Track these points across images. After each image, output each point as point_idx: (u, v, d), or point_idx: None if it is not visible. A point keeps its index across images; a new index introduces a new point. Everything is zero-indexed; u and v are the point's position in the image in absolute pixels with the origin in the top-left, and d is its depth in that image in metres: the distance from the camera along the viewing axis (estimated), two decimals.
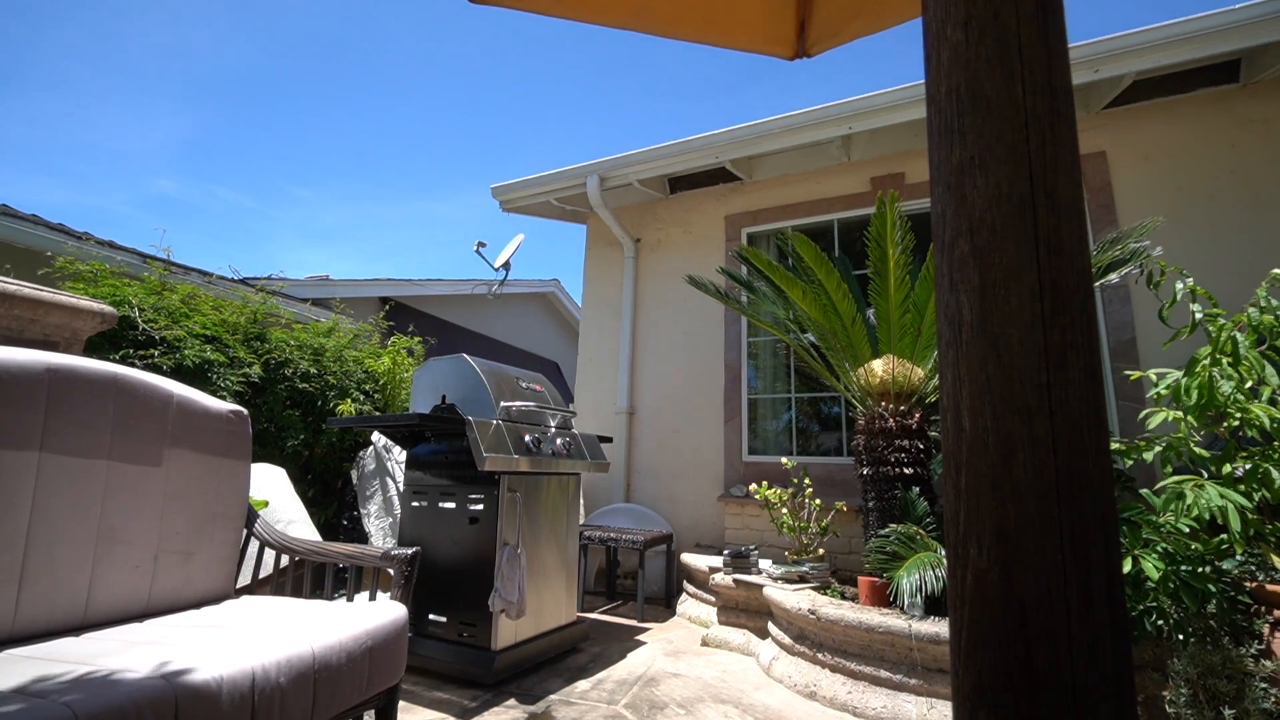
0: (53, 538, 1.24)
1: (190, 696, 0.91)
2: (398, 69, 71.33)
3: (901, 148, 3.96)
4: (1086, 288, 0.69)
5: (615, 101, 48.26)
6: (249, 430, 1.70)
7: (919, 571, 2.12)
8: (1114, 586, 0.65)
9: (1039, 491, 0.65)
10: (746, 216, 4.45)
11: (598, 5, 1.68)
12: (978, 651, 0.67)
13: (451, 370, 2.65)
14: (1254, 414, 1.70)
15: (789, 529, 3.01)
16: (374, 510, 3.41)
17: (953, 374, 0.72)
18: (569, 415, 2.82)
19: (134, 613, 1.37)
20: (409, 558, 1.56)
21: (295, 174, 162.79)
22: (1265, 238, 3.09)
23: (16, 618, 1.17)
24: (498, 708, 1.97)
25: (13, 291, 1.60)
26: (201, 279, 4.28)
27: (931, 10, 0.78)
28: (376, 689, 1.34)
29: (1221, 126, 3.28)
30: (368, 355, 4.05)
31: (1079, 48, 3.14)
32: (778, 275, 2.99)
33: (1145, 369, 2.02)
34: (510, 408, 2.51)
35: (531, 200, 4.79)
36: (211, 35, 32.44)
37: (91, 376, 1.37)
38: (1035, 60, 0.71)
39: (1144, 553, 1.69)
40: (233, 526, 1.62)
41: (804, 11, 1.80)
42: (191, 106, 66.35)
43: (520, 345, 8.92)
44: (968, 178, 0.72)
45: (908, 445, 2.55)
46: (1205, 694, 1.52)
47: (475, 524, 2.27)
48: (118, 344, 2.75)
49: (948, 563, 0.73)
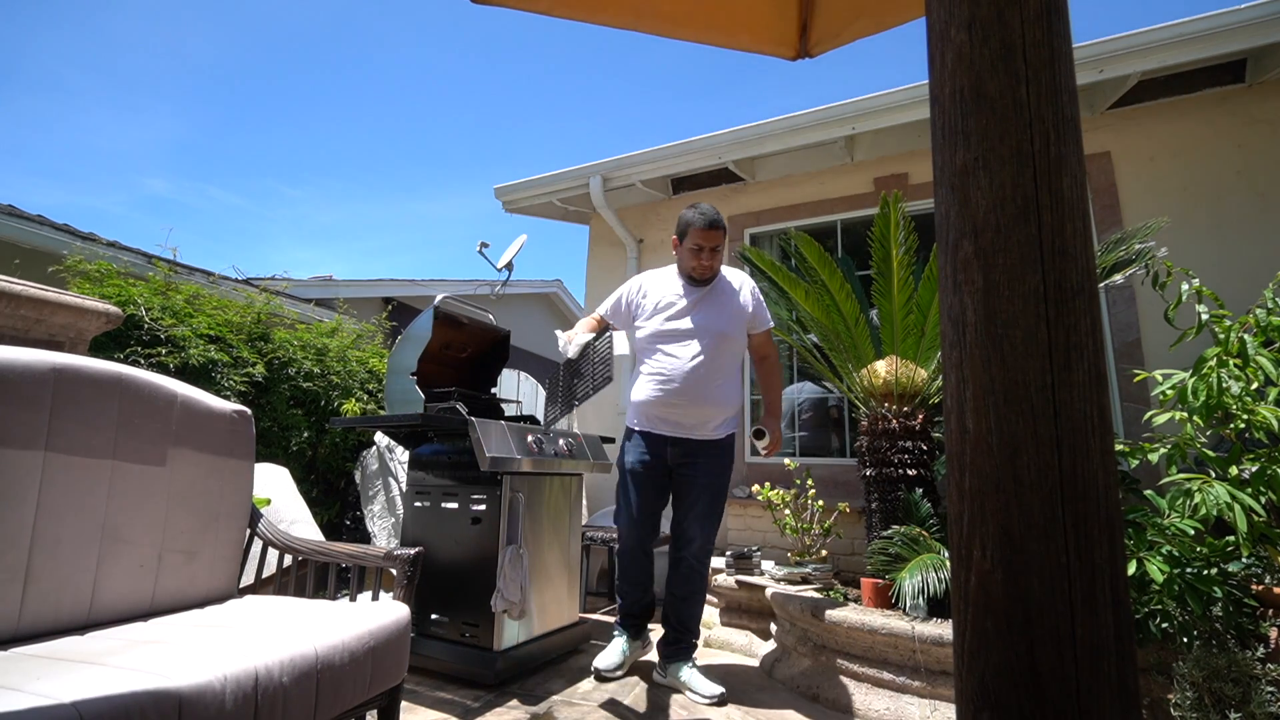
0: (57, 537, 1.25)
1: (194, 696, 0.91)
2: (395, 69, 71.66)
3: (905, 148, 3.95)
4: (1091, 289, 0.69)
5: (615, 101, 48.43)
6: (252, 430, 1.70)
7: (922, 573, 2.12)
8: (1118, 588, 0.65)
9: (1043, 493, 0.65)
10: (749, 217, 4.45)
11: (599, 5, 1.68)
12: (981, 653, 0.67)
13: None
14: (1261, 416, 1.69)
15: (792, 530, 3.01)
16: (377, 510, 3.41)
17: (956, 375, 0.72)
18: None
19: (138, 612, 1.37)
20: (412, 558, 1.56)
21: (288, 174, 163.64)
22: (1272, 238, 3.07)
23: (21, 616, 1.17)
24: (500, 708, 1.97)
25: (19, 291, 1.61)
26: (205, 279, 4.30)
27: (935, 11, 0.78)
28: (379, 689, 1.34)
29: (1227, 127, 3.27)
30: (371, 355, 4.06)
31: (1084, 48, 3.13)
32: (780, 276, 2.99)
33: (1150, 370, 2.01)
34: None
35: (534, 201, 4.79)
36: (202, 36, 32.70)
37: (96, 376, 1.37)
38: (1039, 61, 0.71)
39: (1149, 555, 1.68)
40: (236, 526, 1.63)
41: (806, 12, 1.80)
42: (182, 107, 66.76)
43: (523, 346, 8.93)
44: (971, 179, 0.72)
45: (911, 446, 2.54)
46: (1211, 697, 1.51)
47: (478, 524, 2.27)
48: (123, 343, 2.77)
49: (951, 564, 0.73)
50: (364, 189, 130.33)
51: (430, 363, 2.84)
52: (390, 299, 7.21)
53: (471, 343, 3.10)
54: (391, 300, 7.20)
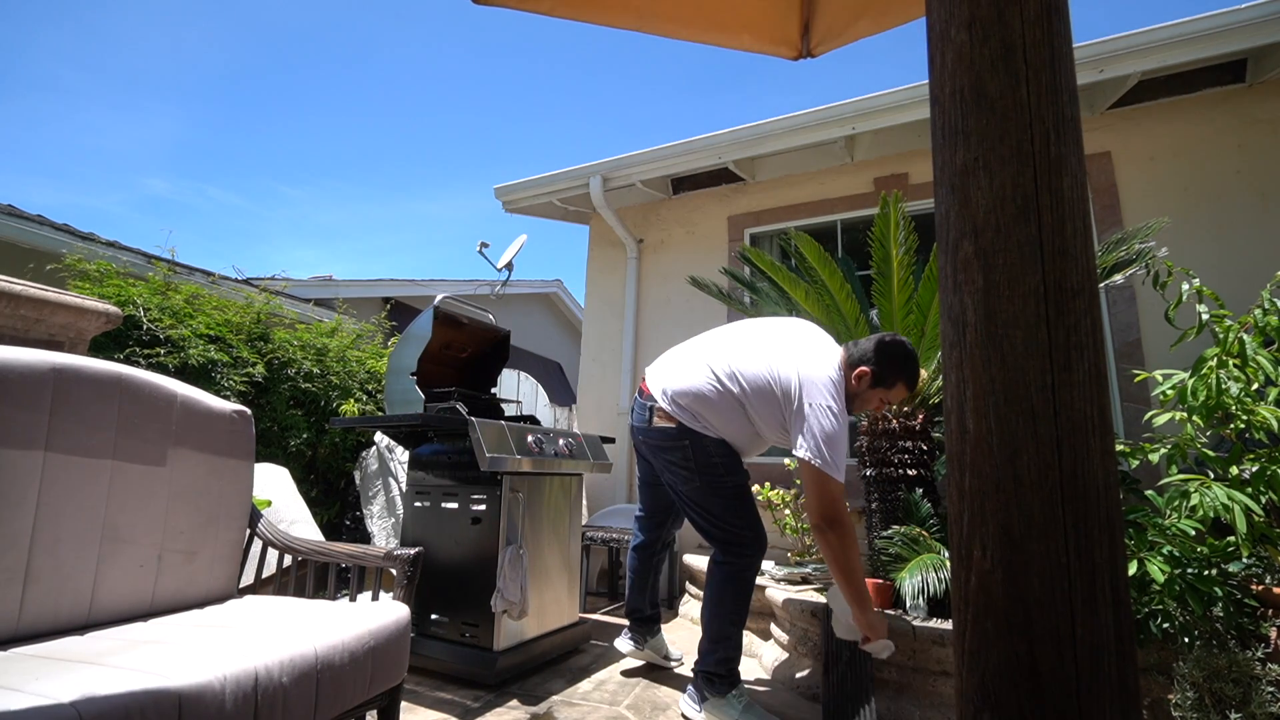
0: (57, 537, 1.25)
1: (193, 696, 0.91)
2: (395, 69, 71.82)
3: (905, 148, 3.95)
4: (1091, 289, 0.69)
5: (615, 101, 48.52)
6: (252, 430, 1.70)
7: (922, 573, 2.12)
8: (1119, 588, 0.65)
9: (1043, 493, 0.65)
10: (749, 217, 4.45)
11: (601, 6, 1.68)
12: (981, 653, 0.67)
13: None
14: (1261, 416, 1.69)
15: (792, 530, 3.01)
16: (377, 510, 3.41)
17: (956, 375, 0.72)
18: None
19: (138, 612, 1.37)
20: (411, 558, 1.56)
21: (287, 174, 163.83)
22: (1272, 238, 3.07)
23: (21, 616, 1.17)
24: (500, 708, 1.97)
25: (18, 291, 1.61)
26: (205, 279, 4.30)
27: (935, 11, 0.78)
28: (379, 689, 1.34)
29: (1228, 127, 3.27)
30: (370, 355, 4.06)
31: (1084, 48, 3.13)
32: (780, 276, 2.99)
33: (1150, 370, 2.01)
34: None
35: (534, 201, 4.79)
36: (200, 35, 32.74)
37: (96, 376, 1.37)
38: (1040, 61, 0.71)
39: (1150, 555, 1.68)
40: (236, 526, 1.63)
41: (808, 12, 1.80)
42: (181, 107, 66.92)
43: (523, 346, 8.94)
44: (972, 179, 0.72)
45: (911, 446, 2.54)
46: (1211, 698, 1.51)
47: (478, 524, 2.27)
48: (122, 343, 2.77)
49: (951, 564, 0.73)
50: (364, 189, 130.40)
51: (430, 363, 2.84)
52: (390, 299, 7.21)
53: (471, 343, 3.10)
54: (391, 300, 7.20)
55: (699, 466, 2.02)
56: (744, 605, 2.02)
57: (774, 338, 2.03)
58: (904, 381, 1.93)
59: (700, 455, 2.01)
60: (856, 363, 1.93)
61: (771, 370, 1.91)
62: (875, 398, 1.96)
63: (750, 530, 2.03)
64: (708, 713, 1.94)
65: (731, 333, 2.13)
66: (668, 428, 2.04)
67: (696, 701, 1.97)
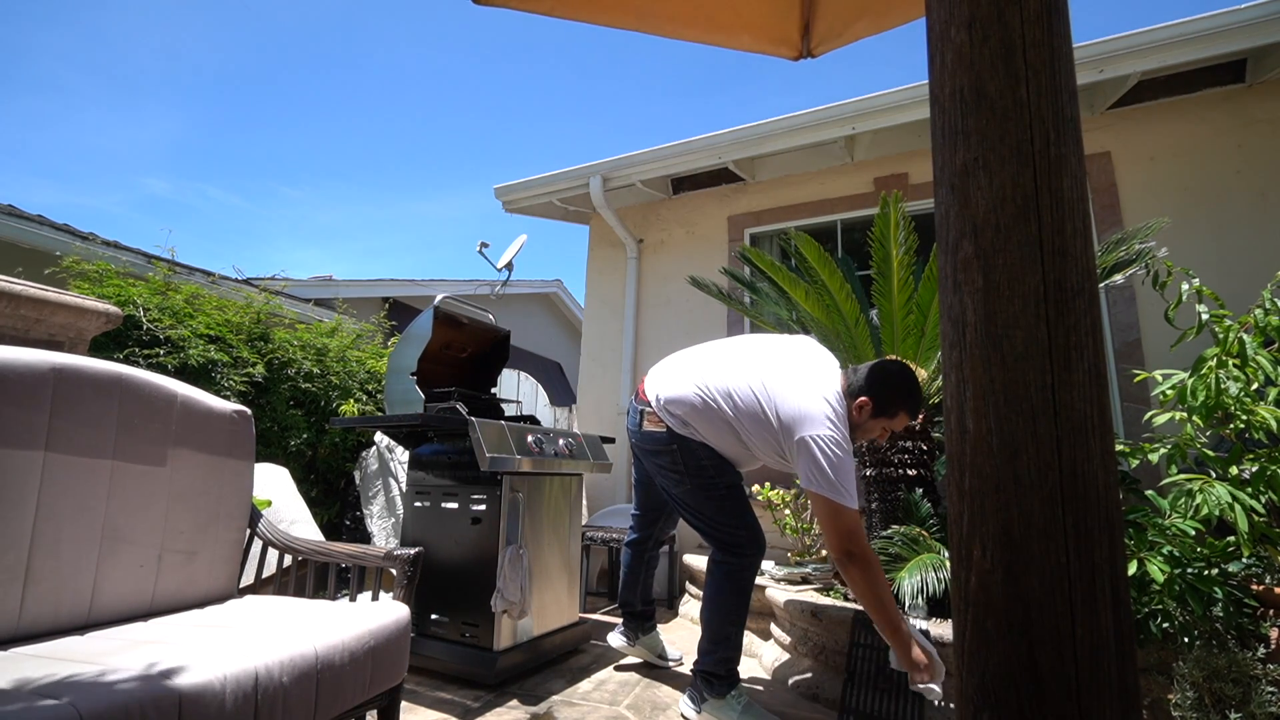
0: (58, 537, 1.25)
1: (193, 695, 0.91)
2: (395, 69, 71.79)
3: (905, 148, 3.95)
4: (1091, 289, 0.69)
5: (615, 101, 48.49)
6: (252, 430, 1.70)
7: (922, 573, 2.12)
8: (1118, 588, 0.65)
9: (1043, 493, 0.65)
10: (749, 217, 4.45)
11: (601, 6, 1.68)
12: (981, 653, 0.67)
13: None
14: (1261, 416, 1.69)
15: (791, 530, 3.01)
16: (377, 510, 3.42)
17: (956, 375, 0.72)
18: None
19: (138, 612, 1.37)
20: (411, 558, 1.56)
21: (286, 174, 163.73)
22: (1272, 238, 3.07)
23: (21, 616, 1.17)
24: (500, 708, 1.97)
25: (18, 291, 1.61)
26: (205, 279, 4.30)
27: (935, 11, 0.78)
28: (379, 689, 1.34)
29: (1228, 127, 3.27)
30: (370, 355, 4.06)
31: (1083, 48, 3.13)
32: (780, 276, 2.99)
33: (1150, 370, 2.01)
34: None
35: (534, 201, 4.79)
36: (200, 36, 32.74)
37: (96, 376, 1.37)
38: (1039, 61, 0.71)
39: (1150, 555, 1.68)
40: (236, 526, 1.63)
41: (808, 12, 1.80)
42: (180, 107, 66.92)
43: (523, 345, 8.93)
44: (971, 179, 0.72)
45: (911, 446, 2.54)
46: (1211, 697, 1.51)
47: (478, 524, 2.27)
48: (122, 343, 2.77)
49: (951, 564, 0.73)
50: (364, 189, 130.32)
51: (430, 363, 2.84)
52: (390, 299, 7.21)
53: (471, 343, 3.10)
54: (391, 300, 7.20)
55: (688, 470, 2.01)
56: (743, 605, 2.02)
57: (773, 360, 2.00)
58: (905, 411, 1.90)
59: (689, 459, 2.01)
60: (856, 392, 1.89)
61: (766, 396, 1.88)
62: (877, 428, 1.92)
63: (746, 530, 2.02)
64: (707, 713, 1.93)
65: (729, 350, 2.11)
66: (657, 432, 2.04)
67: (696, 701, 1.97)
